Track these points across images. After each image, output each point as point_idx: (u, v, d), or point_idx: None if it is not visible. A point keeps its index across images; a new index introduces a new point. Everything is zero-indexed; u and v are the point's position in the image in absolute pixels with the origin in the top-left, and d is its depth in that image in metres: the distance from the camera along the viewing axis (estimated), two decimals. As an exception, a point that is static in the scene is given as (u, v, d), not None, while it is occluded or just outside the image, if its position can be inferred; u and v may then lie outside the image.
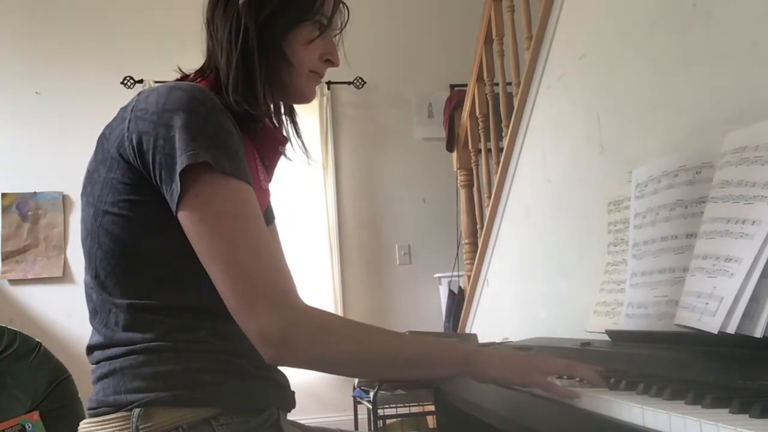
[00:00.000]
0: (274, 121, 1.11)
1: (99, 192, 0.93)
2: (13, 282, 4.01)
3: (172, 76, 1.06)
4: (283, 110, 1.14)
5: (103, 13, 4.26)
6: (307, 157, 1.15)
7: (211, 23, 1.02)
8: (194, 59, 1.07)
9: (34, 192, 4.08)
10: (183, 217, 0.88)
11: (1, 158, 4.07)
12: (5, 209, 4.04)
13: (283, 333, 0.85)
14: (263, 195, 1.06)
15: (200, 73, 1.04)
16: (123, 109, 0.95)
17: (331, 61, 1.06)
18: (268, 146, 1.08)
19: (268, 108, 1.04)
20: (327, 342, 0.89)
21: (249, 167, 0.94)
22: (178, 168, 0.85)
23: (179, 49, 1.17)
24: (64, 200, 4.09)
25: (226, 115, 0.93)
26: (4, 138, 4.08)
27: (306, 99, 1.08)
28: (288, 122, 1.14)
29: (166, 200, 0.89)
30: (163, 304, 0.92)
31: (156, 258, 0.93)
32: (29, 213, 4.07)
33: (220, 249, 0.87)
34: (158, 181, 0.89)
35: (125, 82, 4.18)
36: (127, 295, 0.93)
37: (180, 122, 0.87)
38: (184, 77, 1.04)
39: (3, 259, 4.00)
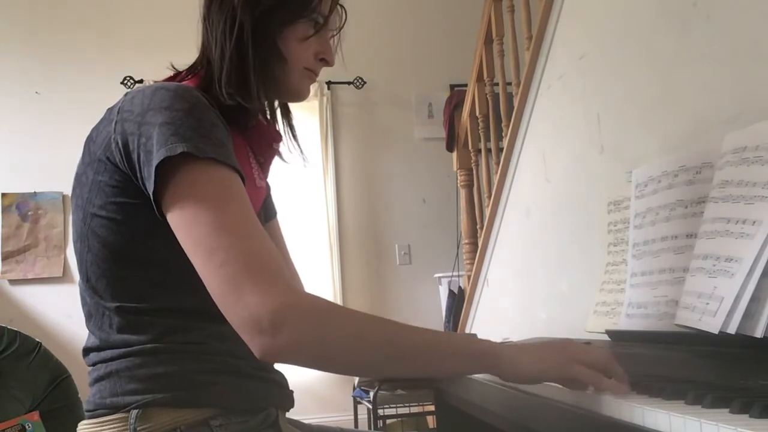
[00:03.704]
0: (268, 117, 1.10)
1: (87, 195, 0.92)
2: (13, 282, 4.01)
3: (170, 73, 1.06)
4: (279, 111, 1.12)
5: (103, 13, 4.26)
6: (303, 159, 1.14)
7: (207, 18, 1.02)
8: (194, 59, 1.07)
9: (34, 192, 4.08)
10: (167, 211, 0.85)
11: (1, 158, 4.07)
12: (5, 209, 4.04)
13: (275, 316, 0.77)
14: (258, 192, 1.05)
15: (192, 69, 1.03)
16: (109, 111, 0.94)
17: (325, 60, 1.05)
18: (262, 143, 1.07)
19: (262, 103, 1.03)
20: (324, 325, 0.79)
21: (242, 164, 0.92)
22: (155, 162, 0.83)
23: (179, 49, 1.17)
24: (64, 200, 4.09)
25: (212, 110, 0.91)
26: (4, 138, 4.08)
27: (299, 97, 1.07)
28: (284, 124, 1.13)
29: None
30: (156, 306, 0.92)
31: (147, 261, 0.91)
32: (29, 213, 4.07)
33: (202, 235, 0.82)
34: (142, 180, 0.87)
35: (125, 82, 4.18)
36: (119, 298, 0.92)
37: (161, 119, 0.85)
38: (177, 74, 1.04)
39: (3, 259, 4.00)
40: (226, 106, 0.96)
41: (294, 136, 1.14)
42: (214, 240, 0.81)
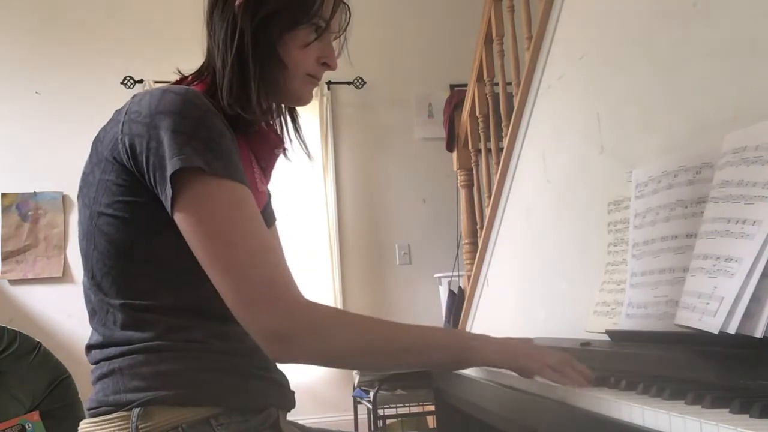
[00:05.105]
0: (272, 123, 1.10)
1: (94, 194, 0.94)
2: (13, 282, 4.01)
3: (173, 76, 1.06)
4: (283, 110, 1.13)
5: (103, 13, 4.26)
6: (309, 157, 1.14)
7: (210, 24, 1.02)
8: (194, 60, 1.07)
9: (34, 192, 4.08)
10: (179, 219, 0.88)
11: (1, 158, 4.07)
12: (5, 209, 4.04)
13: (287, 329, 0.86)
14: (260, 197, 1.06)
15: (198, 74, 1.04)
16: (117, 112, 0.95)
17: (327, 65, 1.05)
18: (264, 148, 1.08)
19: (263, 111, 1.03)
20: (331, 335, 0.89)
21: (245, 169, 0.94)
22: (170, 171, 0.86)
23: (179, 49, 1.17)
24: (64, 200, 4.09)
25: (219, 117, 0.92)
26: (4, 138, 4.08)
27: (302, 102, 1.07)
28: (289, 122, 1.14)
29: (160, 201, 0.89)
30: (159, 304, 0.93)
31: (152, 259, 0.93)
32: (29, 213, 4.07)
33: (218, 250, 0.87)
34: (153, 183, 0.89)
35: (125, 82, 4.18)
36: (124, 295, 0.93)
37: (172, 125, 0.87)
38: (183, 79, 1.04)
39: (3, 259, 4.00)
40: (229, 114, 0.97)
41: (299, 134, 1.14)
42: (229, 257, 0.87)
